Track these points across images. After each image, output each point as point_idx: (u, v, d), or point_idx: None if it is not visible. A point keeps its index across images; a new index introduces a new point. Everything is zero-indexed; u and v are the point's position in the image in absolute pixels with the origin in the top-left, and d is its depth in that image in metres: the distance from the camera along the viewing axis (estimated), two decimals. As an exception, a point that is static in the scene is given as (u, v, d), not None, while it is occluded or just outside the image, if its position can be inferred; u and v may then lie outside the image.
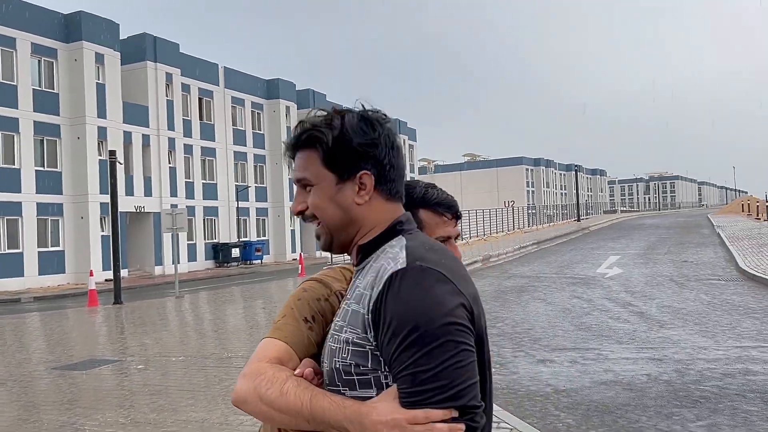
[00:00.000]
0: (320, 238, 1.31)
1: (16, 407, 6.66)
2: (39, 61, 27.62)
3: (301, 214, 1.30)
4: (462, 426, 1.09)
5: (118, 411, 6.27)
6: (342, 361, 1.19)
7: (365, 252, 1.29)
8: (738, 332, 9.18)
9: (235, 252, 35.78)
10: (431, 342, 1.09)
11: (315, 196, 1.29)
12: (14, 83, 26.44)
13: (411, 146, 63.36)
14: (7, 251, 25.96)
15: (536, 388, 6.66)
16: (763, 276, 14.44)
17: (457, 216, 1.62)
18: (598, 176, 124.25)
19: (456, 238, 1.63)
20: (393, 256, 1.20)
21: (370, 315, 1.16)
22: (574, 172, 67.47)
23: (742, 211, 52.21)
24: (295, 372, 1.23)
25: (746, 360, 7.46)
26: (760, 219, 41.54)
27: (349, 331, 1.19)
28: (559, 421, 5.57)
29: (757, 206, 46.19)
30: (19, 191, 26.37)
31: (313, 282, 1.48)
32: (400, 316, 1.11)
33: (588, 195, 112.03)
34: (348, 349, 1.18)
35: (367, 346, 1.16)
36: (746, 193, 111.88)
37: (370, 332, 1.15)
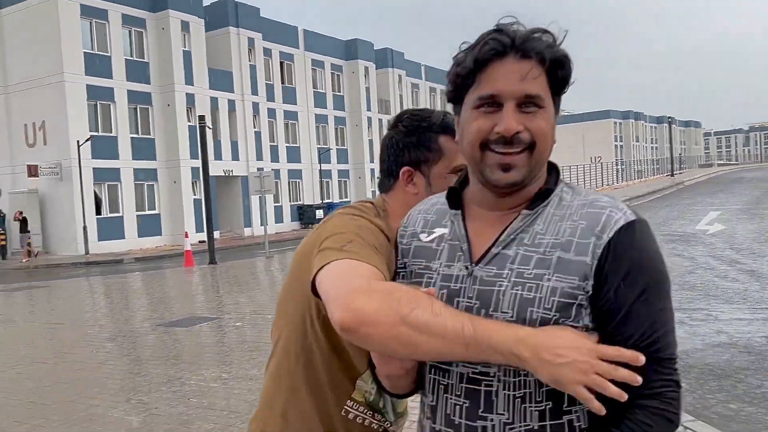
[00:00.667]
0: (515, 170, 1.13)
1: (127, 361, 7.01)
2: (129, 31, 28.62)
3: (516, 135, 1.11)
4: (639, 378, 1.02)
5: (221, 367, 6.47)
6: (544, 313, 1.08)
7: (541, 196, 1.18)
8: None
9: (319, 213, 36.40)
10: (665, 295, 1.11)
11: (542, 121, 1.13)
12: (108, 54, 27.58)
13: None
14: (109, 215, 27.53)
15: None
16: None
17: None
18: (692, 128, 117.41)
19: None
20: (609, 205, 1.14)
21: (596, 262, 1.09)
22: (666, 125, 63.89)
23: None
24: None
25: None
26: None
27: (557, 280, 1.09)
28: (670, 384, 5.25)
29: None
30: (117, 158, 27.75)
31: (348, 212, 1.37)
32: (641, 267, 1.09)
33: (681, 148, 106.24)
34: (553, 300, 1.08)
35: (580, 296, 1.09)
36: None
37: (590, 281, 1.09)
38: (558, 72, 1.13)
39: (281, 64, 37.26)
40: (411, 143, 1.46)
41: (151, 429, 4.72)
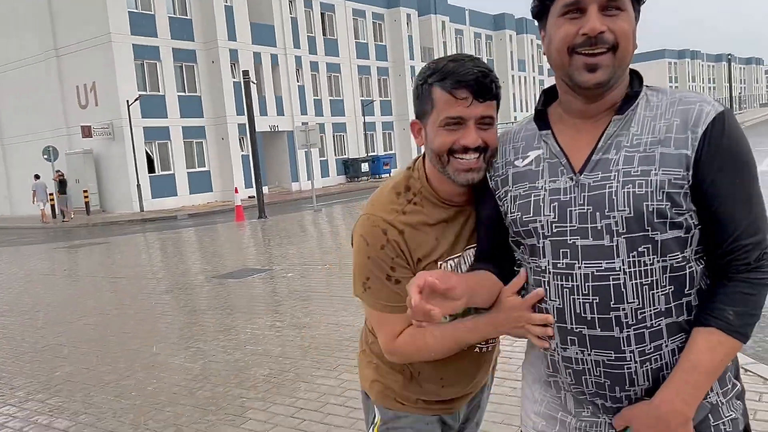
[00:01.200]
0: (601, 70, 1.23)
1: (184, 312, 7.27)
2: (171, -11, 28.68)
3: (600, 35, 1.21)
4: (550, 331, 1.33)
5: (274, 315, 6.64)
6: (658, 204, 1.20)
7: (628, 100, 1.28)
8: None
9: (365, 167, 36.46)
10: (755, 177, 1.23)
11: (624, 23, 1.23)
12: (152, 12, 27.76)
13: (539, 46, 59.99)
14: (161, 173, 28.22)
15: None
16: None
17: (475, 94, 1.40)
18: (753, 65, 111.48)
19: (482, 121, 1.43)
20: (699, 100, 1.24)
21: (694, 154, 1.20)
22: (725, 63, 60.83)
23: None
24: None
25: None
26: None
27: (664, 174, 1.21)
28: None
29: None
30: (166, 116, 28.23)
31: (369, 224, 1.54)
32: (735, 151, 1.21)
33: (741, 87, 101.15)
34: (663, 192, 1.20)
35: (685, 186, 1.21)
36: None
37: (691, 171, 1.21)
38: None
39: (322, 15, 36.84)
40: (416, 96, 1.52)
41: (210, 374, 4.90)
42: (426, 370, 1.63)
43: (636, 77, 1.32)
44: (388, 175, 37.74)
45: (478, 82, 1.40)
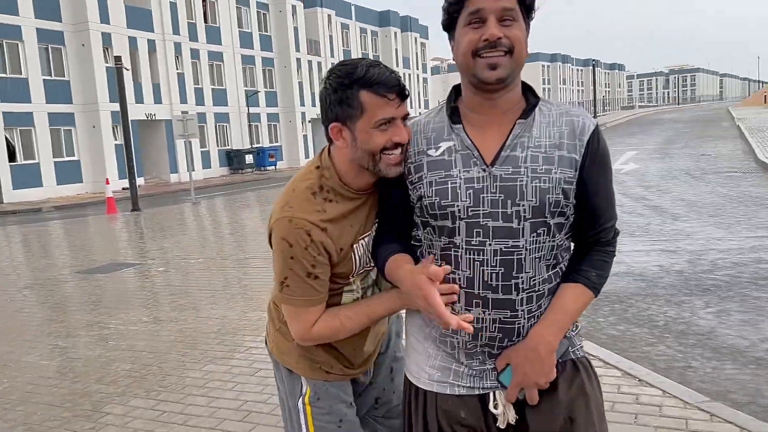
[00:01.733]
0: (500, 68, 1.48)
1: (45, 308, 6.92)
2: (35, -36, 26.61)
3: (498, 40, 1.47)
4: (455, 297, 1.56)
5: (141, 310, 6.49)
6: (556, 196, 1.52)
7: (530, 108, 1.57)
8: (754, 223, 9.13)
9: (249, 158, 35.79)
10: (612, 175, 1.64)
11: (518, 31, 1.50)
12: (12, -11, 25.62)
13: (423, 45, 61.47)
14: (24, 162, 26.18)
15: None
16: (782, 167, 14.21)
17: (400, 96, 1.61)
18: (617, 71, 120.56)
19: (404, 118, 1.62)
20: (581, 114, 1.60)
21: (581, 159, 1.54)
22: (591, 68, 65.41)
23: (765, 102, 50.85)
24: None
25: (760, 249, 7.45)
26: (782, 110, 40.45)
27: (561, 172, 1.52)
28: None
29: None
30: (29, 101, 26.21)
31: (290, 227, 1.66)
32: (605, 156, 1.59)
33: (606, 91, 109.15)
34: (561, 187, 1.52)
35: (573, 183, 1.54)
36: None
37: (577, 171, 1.54)
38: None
39: (204, 2, 35.65)
40: (336, 100, 1.61)
41: (68, 371, 4.75)
42: (343, 341, 1.82)
43: (529, 89, 1.62)
44: (273, 167, 37.41)
45: (401, 86, 1.60)
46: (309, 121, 42.75)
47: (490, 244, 1.51)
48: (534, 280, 1.54)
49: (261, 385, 4.20)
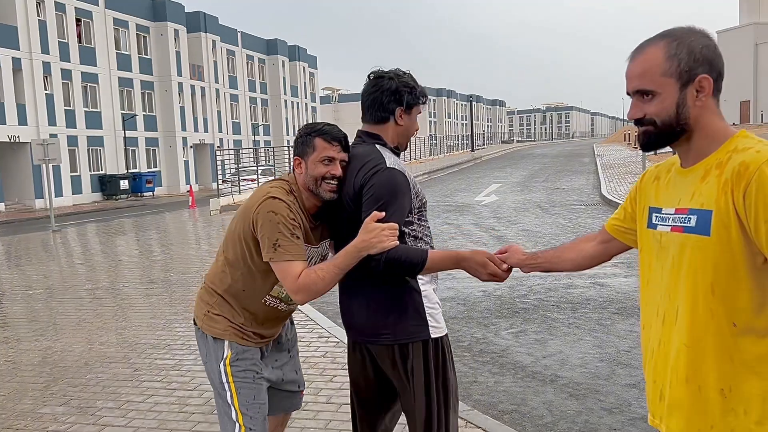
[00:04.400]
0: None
1: None
2: None
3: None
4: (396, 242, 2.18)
5: (-40, 344, 6.22)
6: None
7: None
8: (578, 252, 10.12)
9: (124, 184, 34.46)
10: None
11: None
12: None
13: (312, 74, 62.18)
14: None
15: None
16: (617, 201, 15.77)
17: (342, 146, 2.33)
18: (498, 107, 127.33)
19: (342, 161, 2.33)
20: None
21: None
22: (470, 103, 68.85)
23: (624, 140, 55.52)
24: None
25: (574, 276, 8.29)
26: (637, 148, 44.38)
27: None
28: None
29: (635, 136, 49.24)
30: None
31: (274, 202, 2.26)
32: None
33: (487, 125, 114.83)
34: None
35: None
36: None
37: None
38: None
39: (77, 21, 34.29)
40: (301, 142, 2.37)
41: None
42: (260, 315, 2.45)
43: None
44: (151, 193, 36.14)
45: (345, 139, 2.36)
46: (191, 147, 41.83)
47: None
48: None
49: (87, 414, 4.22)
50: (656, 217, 1.64)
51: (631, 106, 1.58)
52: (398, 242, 2.18)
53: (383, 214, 2.16)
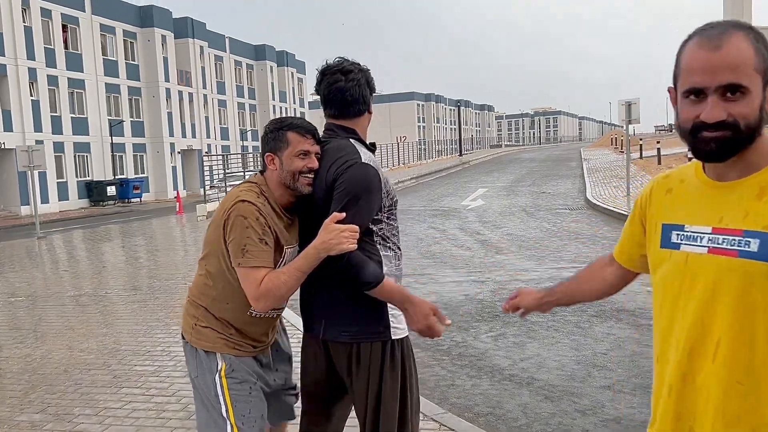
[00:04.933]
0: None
1: None
2: None
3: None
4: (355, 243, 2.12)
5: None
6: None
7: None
8: (561, 255, 10.19)
9: (111, 190, 34.31)
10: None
11: None
12: None
13: (300, 80, 62.21)
14: None
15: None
16: (601, 205, 15.92)
17: (315, 138, 2.30)
18: (486, 111, 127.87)
19: (316, 154, 2.29)
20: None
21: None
22: (458, 107, 69.14)
23: (611, 144, 55.87)
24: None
25: (556, 278, 8.35)
26: (623, 152, 44.70)
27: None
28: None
29: (622, 140, 49.64)
30: None
31: (244, 205, 2.21)
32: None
33: (476, 130, 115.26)
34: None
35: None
36: (622, 127, 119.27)
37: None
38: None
39: (64, 27, 34.16)
40: (271, 138, 2.31)
41: None
42: (248, 326, 2.36)
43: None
44: (138, 199, 36.01)
45: (317, 131, 2.32)
46: (179, 152, 41.71)
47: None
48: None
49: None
50: (678, 235, 1.40)
51: (711, 104, 1.25)
52: (356, 245, 2.12)
53: (344, 214, 2.11)
